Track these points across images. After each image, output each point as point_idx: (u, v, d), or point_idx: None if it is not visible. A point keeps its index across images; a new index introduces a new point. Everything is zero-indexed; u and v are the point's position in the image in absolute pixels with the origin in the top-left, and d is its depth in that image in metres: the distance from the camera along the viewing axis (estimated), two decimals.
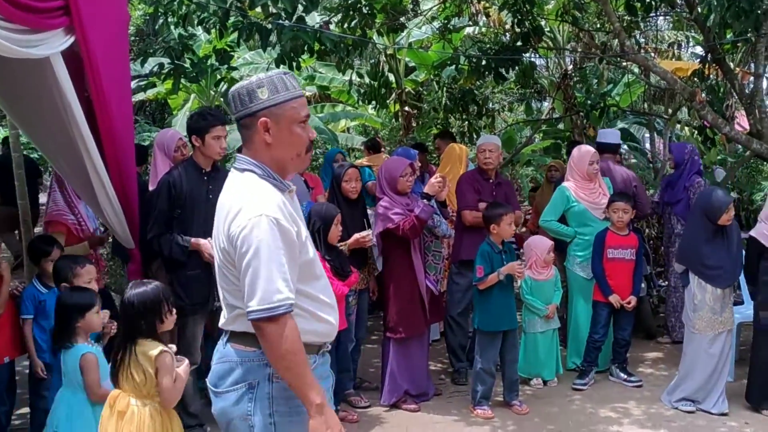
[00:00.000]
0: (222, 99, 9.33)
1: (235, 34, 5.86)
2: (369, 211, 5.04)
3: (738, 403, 4.66)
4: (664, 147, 13.14)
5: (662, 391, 4.86)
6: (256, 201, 2.02)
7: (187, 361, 3.10)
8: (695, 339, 4.60)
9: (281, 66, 5.98)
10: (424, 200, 4.57)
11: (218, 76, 7.77)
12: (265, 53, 6.38)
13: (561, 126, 11.42)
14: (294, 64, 5.91)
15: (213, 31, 6.05)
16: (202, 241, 3.97)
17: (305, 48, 5.96)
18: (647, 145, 15.08)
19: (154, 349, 2.90)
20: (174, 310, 3.07)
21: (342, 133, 12.91)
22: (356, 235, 4.54)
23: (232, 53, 6.54)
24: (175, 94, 8.49)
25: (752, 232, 4.62)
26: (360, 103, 10.21)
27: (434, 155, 9.32)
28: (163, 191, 4.04)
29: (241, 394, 2.07)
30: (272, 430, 2.05)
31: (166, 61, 6.12)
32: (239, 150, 2.38)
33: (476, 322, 4.73)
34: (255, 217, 1.97)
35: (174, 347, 3.06)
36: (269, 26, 5.75)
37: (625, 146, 14.85)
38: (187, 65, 6.13)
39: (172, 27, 6.63)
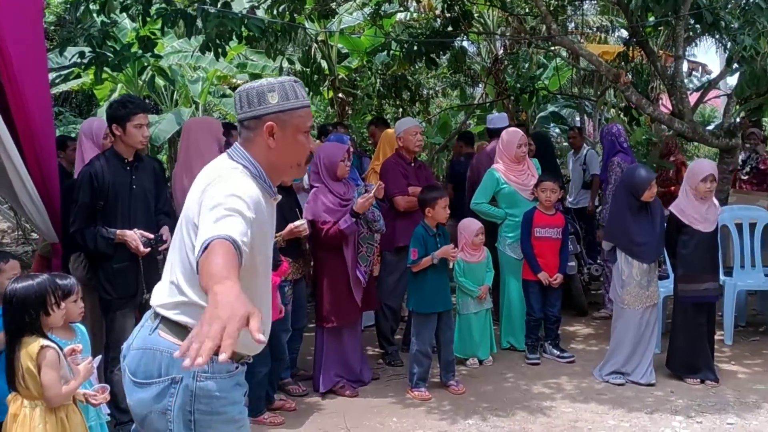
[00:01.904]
0: (149, 89, 9.06)
1: (160, 21, 5.71)
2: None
3: (664, 374, 4.84)
4: (594, 129, 13.48)
5: (593, 365, 5.01)
6: (234, 181, 1.97)
7: (91, 358, 2.98)
8: (624, 313, 4.75)
9: (206, 53, 5.86)
10: (353, 218, 4.52)
11: (145, 64, 7.55)
12: (191, 40, 6.22)
13: (494, 111, 11.58)
14: (220, 50, 5.79)
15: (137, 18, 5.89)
16: (128, 232, 3.86)
17: (232, 34, 5.85)
18: None
19: (35, 344, 2.76)
20: (63, 304, 2.92)
21: None
22: (290, 225, 4.49)
23: (157, 40, 6.35)
24: (100, 84, 8.23)
25: (671, 207, 4.79)
26: None
27: (368, 142, 9.33)
28: (85, 183, 3.90)
29: (164, 387, 1.99)
30: (191, 427, 1.99)
31: (87, 49, 5.90)
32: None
33: (411, 304, 4.76)
34: (230, 195, 1.89)
35: (80, 346, 2.94)
36: (194, 12, 5.62)
37: (557, 129, 15.19)
38: (110, 54, 5.93)
39: (94, 14, 6.41)
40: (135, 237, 3.83)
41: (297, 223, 4.44)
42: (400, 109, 9.47)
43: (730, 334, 5.52)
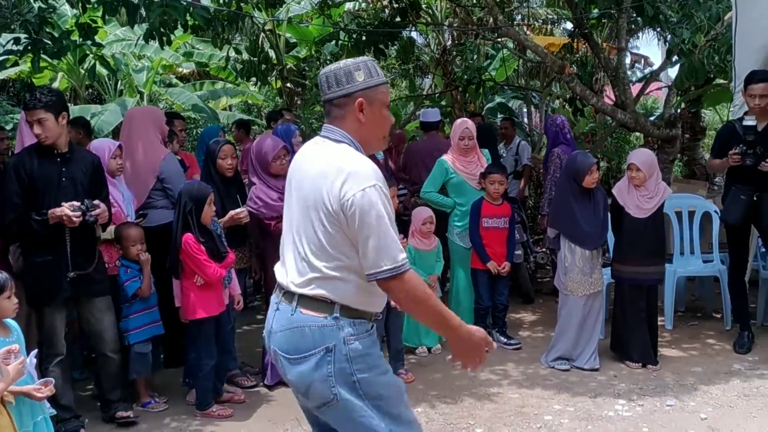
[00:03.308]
0: (91, 78, 8.79)
1: (101, 9, 5.55)
2: None
3: (608, 359, 4.97)
4: (541, 120, 13.67)
5: (540, 352, 5.11)
6: (364, 170, 2.13)
7: (24, 358, 2.89)
8: (568, 300, 4.85)
9: (150, 41, 5.73)
10: None
11: (87, 52, 7.34)
12: (133, 29, 6.06)
13: (443, 101, 11.65)
14: (165, 39, 5.67)
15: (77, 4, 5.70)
16: (57, 210, 3.71)
17: (177, 23, 5.73)
18: (525, 119, 15.64)
19: None
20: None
21: (223, 111, 12.57)
22: (231, 212, 4.45)
23: (98, 28, 6.18)
24: (38, 72, 7.97)
25: (613, 189, 4.92)
26: (241, 79, 9.96)
27: (318, 133, 9.29)
28: (10, 175, 3.78)
29: (320, 357, 2.15)
30: (357, 387, 2.17)
31: (23, 36, 5.70)
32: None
33: None
34: (369, 187, 2.08)
35: (17, 346, 2.84)
36: (136, 0, 5.47)
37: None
38: (48, 41, 5.73)
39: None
40: (65, 209, 3.70)
41: (237, 210, 4.41)
42: None
43: (671, 319, 5.70)
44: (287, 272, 2.26)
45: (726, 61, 6.13)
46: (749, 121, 4.91)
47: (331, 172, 2.14)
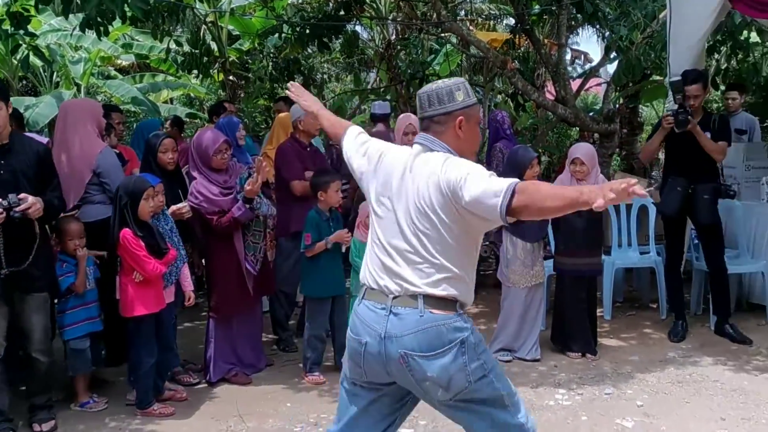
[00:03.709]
0: (24, 69, 8.49)
1: None
2: None
3: (549, 349, 5.07)
4: (484, 115, 13.83)
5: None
6: (463, 161, 2.35)
7: None
8: (510, 292, 4.93)
9: (86, 31, 5.56)
10: (246, 204, 4.42)
11: (20, 42, 7.09)
12: (68, 19, 5.85)
13: (388, 96, 11.66)
14: (102, 30, 5.50)
15: None
16: None
17: (115, 14, 5.56)
18: None
19: None
20: None
21: (164, 104, 12.31)
22: (173, 207, 4.37)
23: (31, 17, 5.97)
24: None
25: (555, 183, 5.01)
26: (182, 72, 9.78)
27: (261, 126, 9.18)
28: None
29: (456, 351, 2.33)
30: (483, 365, 2.38)
31: None
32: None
33: (305, 289, 4.74)
34: (472, 171, 2.27)
35: None
36: None
37: None
38: None
39: None
40: None
41: (179, 205, 4.33)
42: None
43: (609, 309, 5.84)
44: (400, 275, 2.38)
45: (662, 58, 6.30)
46: (676, 78, 5.05)
47: (441, 171, 2.32)
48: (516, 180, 2.21)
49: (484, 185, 2.22)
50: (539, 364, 4.85)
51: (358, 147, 2.71)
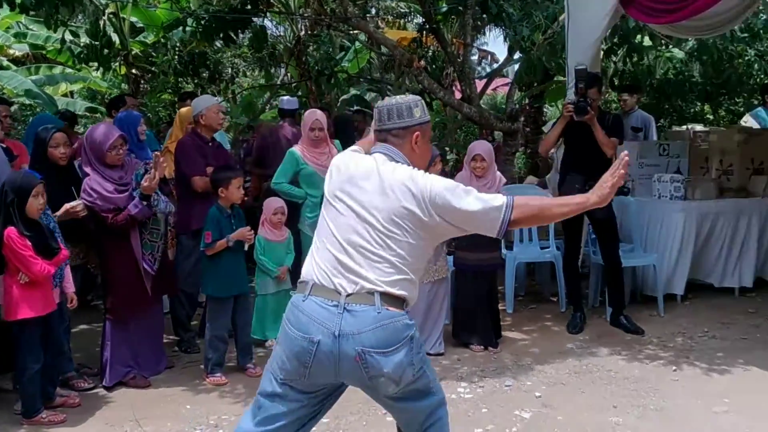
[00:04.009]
0: None
1: None
2: None
3: (453, 343, 5.15)
4: None
5: None
6: (432, 178, 2.46)
7: None
8: None
9: None
10: (144, 201, 4.28)
11: None
12: None
13: (299, 92, 11.56)
14: None
15: None
16: None
17: (2, 2, 5.28)
18: None
19: None
20: None
21: (63, 98, 11.77)
22: (66, 206, 4.18)
23: None
24: None
25: (455, 180, 5.07)
26: (79, 64, 9.36)
27: (164, 121, 8.92)
28: None
29: (409, 346, 2.41)
30: (422, 358, 2.48)
31: None
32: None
33: (206, 288, 4.63)
34: (443, 189, 2.41)
35: None
36: None
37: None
38: None
39: None
40: None
41: (73, 203, 4.14)
42: (199, 88, 9.14)
43: (511, 303, 5.99)
44: (359, 273, 2.41)
45: (563, 59, 6.51)
46: (580, 66, 5.21)
47: (414, 181, 2.43)
48: (507, 198, 2.43)
49: (479, 203, 2.41)
50: (442, 358, 4.91)
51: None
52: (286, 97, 7.19)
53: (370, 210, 2.44)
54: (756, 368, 4.60)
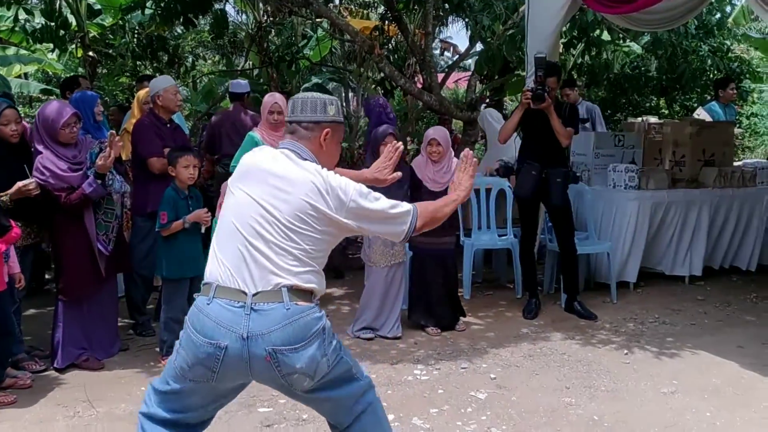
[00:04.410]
0: None
1: None
2: None
3: (410, 327, 5.19)
4: (358, 104, 13.92)
5: (347, 324, 5.21)
6: (341, 180, 2.46)
7: None
8: (372, 272, 5.00)
9: None
10: (98, 180, 4.22)
11: None
12: None
13: (261, 79, 11.46)
14: None
15: None
16: None
17: None
18: (343, 103, 15.85)
19: None
20: None
21: (17, 79, 11.48)
22: (18, 184, 4.09)
23: None
24: None
25: (412, 164, 5.13)
26: (36, 45, 9.13)
27: (126, 104, 8.76)
28: None
29: (320, 339, 2.38)
30: (335, 347, 2.44)
31: None
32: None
33: (161, 270, 4.58)
34: (354, 191, 2.44)
35: None
36: None
37: None
38: None
39: None
40: None
41: (26, 181, 4.06)
42: (158, 73, 8.99)
43: (468, 289, 6.05)
44: (265, 269, 2.35)
45: (523, 52, 6.58)
46: (540, 54, 5.28)
47: (323, 180, 2.42)
48: (412, 206, 2.54)
49: (390, 211, 2.50)
50: (400, 342, 4.94)
51: None
52: (235, 81, 7.13)
53: (275, 204, 2.39)
54: (704, 352, 4.74)
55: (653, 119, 9.15)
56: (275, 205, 2.39)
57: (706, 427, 3.64)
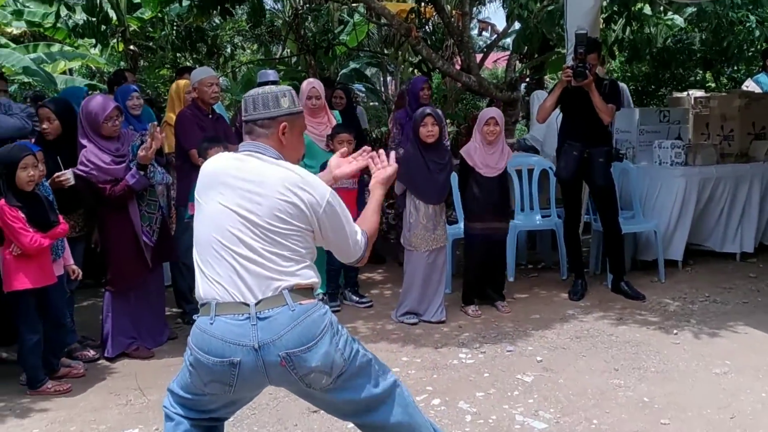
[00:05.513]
0: None
1: None
2: None
3: (455, 312, 5.16)
4: (396, 87, 13.86)
5: (390, 308, 5.22)
6: (315, 179, 2.40)
7: None
8: (412, 257, 4.98)
9: None
10: (141, 172, 4.28)
11: None
12: None
13: (299, 67, 11.49)
14: None
15: None
16: None
17: None
18: (382, 87, 15.79)
19: None
20: None
21: (62, 75, 11.72)
22: (54, 176, 4.19)
23: None
24: None
25: (461, 150, 5.08)
26: (77, 40, 9.30)
27: (164, 97, 8.88)
28: None
29: (330, 334, 2.34)
30: (347, 339, 2.40)
31: None
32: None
33: (188, 257, 4.60)
34: (330, 193, 2.37)
35: None
36: None
37: (361, 87, 15.45)
38: None
39: None
40: None
41: (61, 173, 4.16)
42: (197, 64, 9.09)
43: (512, 271, 5.98)
44: (261, 276, 2.29)
45: (563, 28, 6.44)
46: (581, 30, 5.17)
47: (295, 182, 2.33)
48: (361, 230, 2.48)
49: (354, 233, 2.45)
50: (444, 326, 4.93)
51: None
52: (263, 71, 7.15)
53: (250, 208, 2.30)
54: (757, 331, 4.62)
55: (699, 93, 8.88)
56: (250, 209, 2.30)
57: (762, 408, 3.55)
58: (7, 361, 4.45)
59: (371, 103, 13.27)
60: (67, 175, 4.23)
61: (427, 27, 9.50)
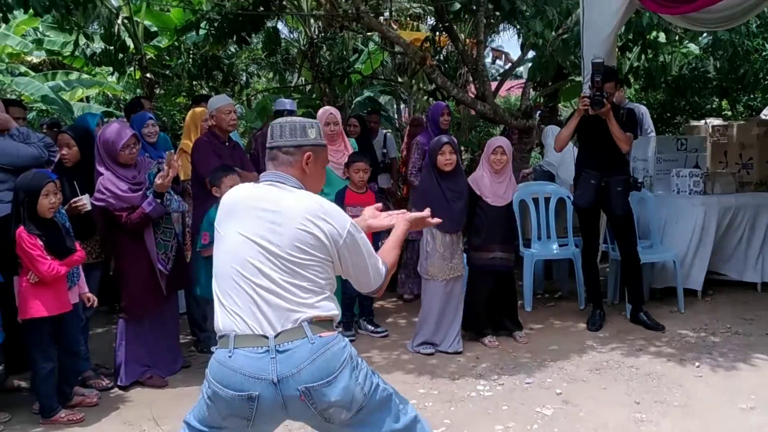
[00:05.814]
0: None
1: None
2: None
3: (473, 342, 5.09)
4: (409, 114, 13.90)
5: (406, 338, 5.16)
6: (336, 209, 2.37)
7: None
8: (429, 286, 4.92)
9: None
10: (157, 199, 4.28)
11: None
12: None
13: (314, 95, 11.55)
14: (1, 17, 5.20)
15: None
16: None
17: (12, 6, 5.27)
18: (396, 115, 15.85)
19: None
20: None
21: (79, 103, 11.85)
22: (71, 201, 4.20)
23: None
24: None
25: (468, 179, 5.04)
26: (95, 68, 9.41)
27: (180, 125, 8.92)
28: None
29: (350, 367, 2.31)
30: (367, 373, 2.37)
31: None
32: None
33: (201, 289, 4.53)
34: (350, 224, 2.36)
35: None
36: None
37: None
38: None
39: None
40: None
41: (77, 199, 4.16)
42: (213, 92, 9.17)
43: (530, 301, 5.92)
44: (280, 308, 2.26)
45: (578, 56, 6.45)
46: (597, 59, 5.14)
47: (315, 212, 2.31)
48: (382, 260, 2.47)
49: (367, 261, 2.41)
50: (461, 357, 4.85)
51: None
52: (279, 99, 7.19)
53: (270, 239, 2.28)
54: None
55: (716, 121, 8.84)
56: (271, 240, 2.28)
57: None
58: (20, 389, 4.42)
59: (385, 131, 13.29)
60: (84, 201, 4.24)
61: (441, 55, 9.53)
